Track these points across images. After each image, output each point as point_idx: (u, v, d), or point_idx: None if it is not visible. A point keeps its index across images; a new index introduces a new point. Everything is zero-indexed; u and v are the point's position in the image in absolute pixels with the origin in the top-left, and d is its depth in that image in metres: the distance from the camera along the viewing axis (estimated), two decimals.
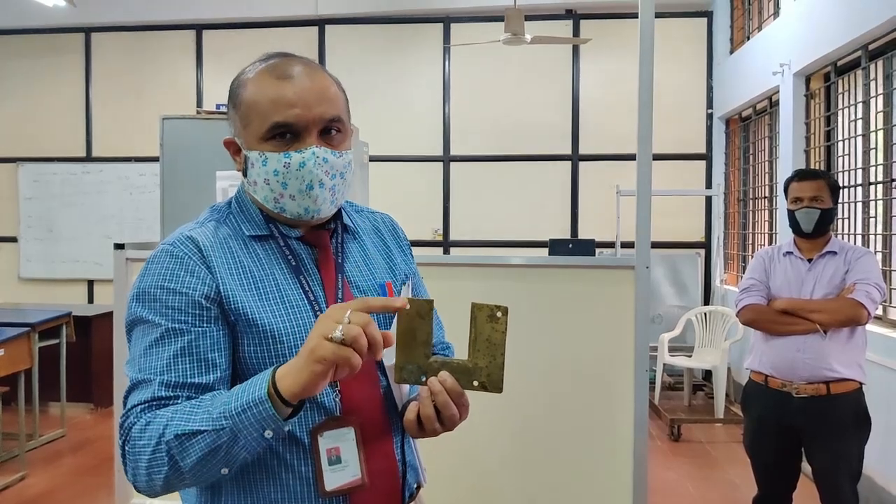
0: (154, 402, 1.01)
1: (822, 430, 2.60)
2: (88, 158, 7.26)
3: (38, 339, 4.59)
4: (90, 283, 7.23)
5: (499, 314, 1.03)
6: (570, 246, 6.21)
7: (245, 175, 1.15)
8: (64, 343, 5.00)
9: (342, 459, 1.07)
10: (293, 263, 1.13)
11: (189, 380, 1.02)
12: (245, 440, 0.95)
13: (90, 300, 7.20)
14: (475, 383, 1.05)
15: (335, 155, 1.11)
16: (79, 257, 7.18)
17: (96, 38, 7.29)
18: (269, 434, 0.95)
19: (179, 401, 1.01)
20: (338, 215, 1.21)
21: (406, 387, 1.18)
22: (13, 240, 7.32)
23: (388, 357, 1.13)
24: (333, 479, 1.06)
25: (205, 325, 1.05)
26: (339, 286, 1.15)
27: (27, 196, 7.28)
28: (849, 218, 4.38)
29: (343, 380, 1.09)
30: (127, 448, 1.00)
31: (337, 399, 1.09)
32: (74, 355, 5.23)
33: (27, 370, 4.46)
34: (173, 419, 0.97)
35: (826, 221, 2.68)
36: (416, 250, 1.37)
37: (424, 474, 1.26)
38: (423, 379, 1.05)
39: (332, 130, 1.12)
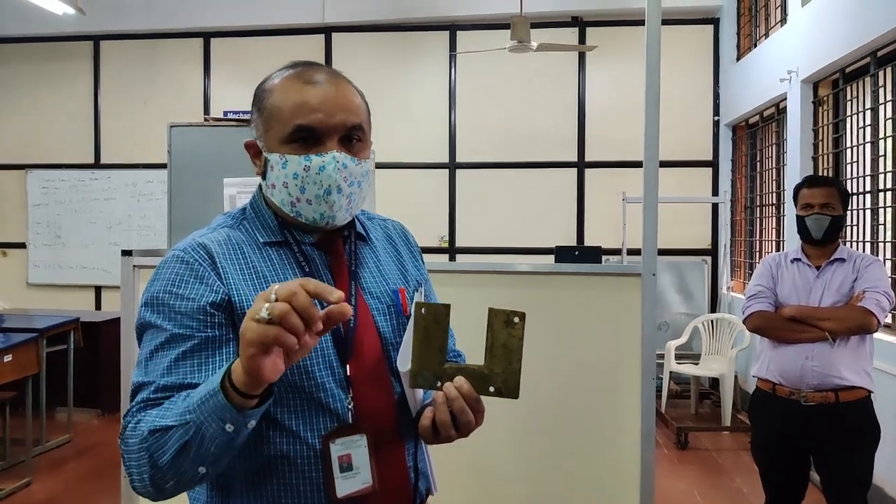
0: (149, 402, 1.01)
1: (831, 438, 2.58)
2: (96, 165, 7.30)
3: (45, 344, 4.61)
4: (98, 289, 7.26)
5: (515, 320, 1.03)
6: (577, 253, 6.19)
7: (264, 178, 1.15)
8: (72, 349, 5.02)
9: (353, 466, 1.07)
10: (307, 269, 1.13)
11: (187, 380, 1.02)
12: (210, 434, 0.92)
13: (98, 306, 7.23)
14: (491, 389, 1.04)
15: (354, 162, 1.11)
16: (86, 264, 7.22)
17: (105, 45, 7.33)
18: (230, 427, 0.92)
19: None
20: (351, 223, 1.21)
21: (420, 393, 1.17)
22: (22, 246, 7.36)
23: (403, 363, 1.12)
24: (345, 486, 1.06)
25: (209, 330, 1.05)
26: (353, 293, 1.15)
27: (35, 202, 7.31)
28: (857, 225, 4.36)
29: (357, 387, 1.10)
30: (122, 448, 1.01)
31: (350, 406, 1.09)
32: (82, 361, 5.25)
33: (34, 376, 4.47)
34: (154, 417, 0.97)
35: (836, 229, 2.67)
36: None
37: (435, 482, 1.25)
38: (439, 384, 1.05)
39: (352, 139, 1.12)
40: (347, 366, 1.10)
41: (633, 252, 6.11)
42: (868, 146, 4.20)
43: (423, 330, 1.03)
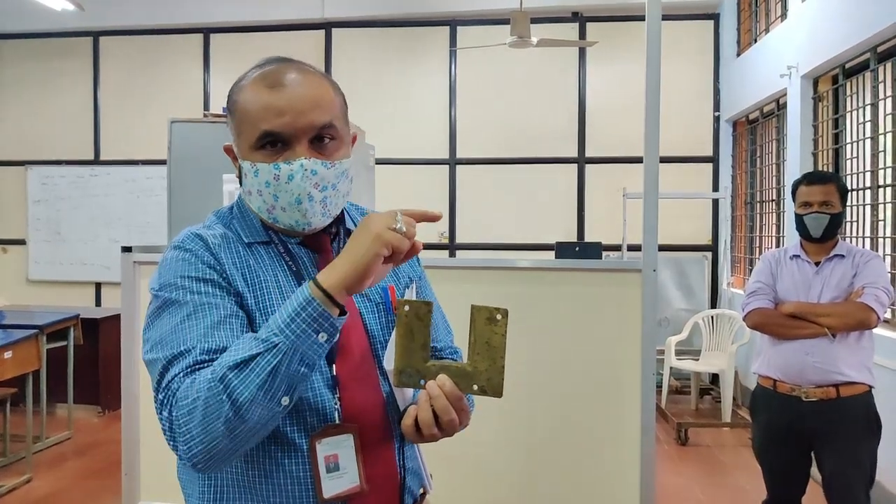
0: (197, 365, 0.98)
1: (833, 433, 2.59)
2: (96, 161, 7.29)
3: (45, 341, 4.61)
4: (98, 285, 7.26)
5: (498, 317, 1.01)
6: (577, 249, 6.19)
7: (241, 183, 1.14)
8: (72, 345, 5.02)
9: (340, 466, 1.06)
10: (294, 268, 1.13)
11: (230, 344, 0.99)
12: (302, 350, 0.94)
13: (97, 303, 7.23)
14: (475, 387, 1.03)
15: (326, 166, 1.09)
16: (86, 260, 7.22)
17: (104, 41, 7.32)
18: (323, 338, 0.95)
19: None
20: (340, 219, 1.20)
21: (409, 391, 1.16)
22: (22, 242, 7.35)
23: (389, 361, 1.12)
24: (331, 487, 1.05)
25: (234, 306, 1.05)
26: None
27: (35, 199, 7.31)
28: (857, 221, 4.35)
29: (344, 386, 1.10)
30: (174, 415, 0.95)
31: (337, 405, 1.08)
32: (82, 358, 5.25)
33: (35, 372, 4.47)
34: (221, 361, 0.95)
35: (835, 226, 2.67)
36: (421, 253, 1.36)
37: (430, 481, 1.24)
38: (422, 383, 1.04)
39: (324, 138, 1.09)
40: (334, 365, 1.10)
41: (634, 248, 6.11)
42: (868, 142, 4.19)
43: (406, 327, 1.02)
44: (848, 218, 4.31)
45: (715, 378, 6.04)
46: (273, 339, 0.94)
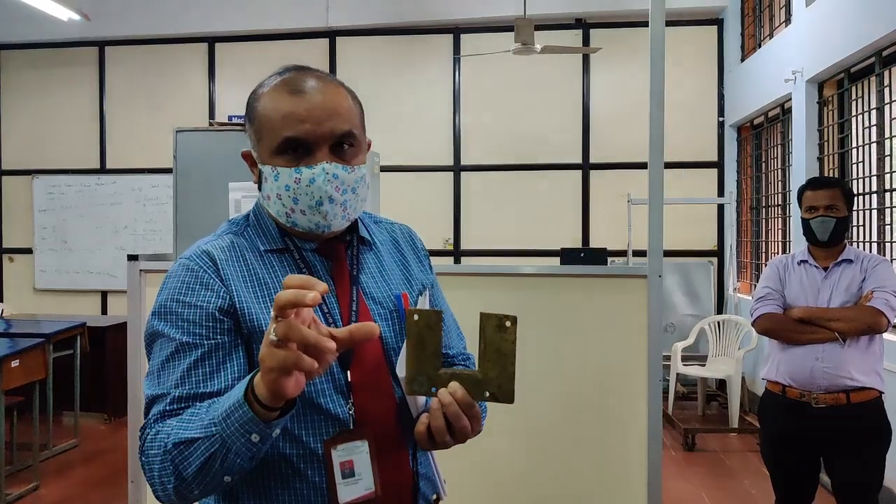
0: (166, 414, 1.03)
1: (843, 439, 2.57)
2: (102, 170, 7.32)
3: (52, 349, 4.62)
4: (104, 294, 7.28)
5: (507, 324, 1.02)
6: (582, 255, 6.18)
7: (260, 189, 1.16)
8: (78, 354, 5.03)
9: (355, 473, 1.07)
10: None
11: (200, 389, 1.03)
12: (235, 446, 0.94)
13: (104, 311, 7.25)
14: (486, 394, 1.04)
15: (346, 170, 1.11)
16: (93, 269, 7.24)
17: (110, 51, 7.36)
18: (255, 438, 0.93)
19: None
20: (354, 227, 1.21)
21: (422, 398, 1.17)
22: (28, 251, 7.39)
23: (401, 368, 1.12)
24: (347, 493, 1.06)
25: (219, 336, 1.06)
26: (354, 298, 1.15)
27: (42, 208, 7.34)
28: (863, 226, 4.34)
29: (358, 392, 1.10)
30: (143, 460, 1.02)
31: (351, 411, 1.09)
32: (88, 366, 5.27)
33: (41, 380, 4.48)
34: (175, 428, 0.99)
35: (841, 230, 2.66)
36: None
37: (444, 487, 1.24)
38: (434, 390, 1.05)
39: (344, 145, 1.12)
40: (348, 372, 1.10)
41: (639, 254, 6.09)
42: (874, 146, 4.18)
43: (417, 336, 1.03)
44: (854, 222, 4.29)
45: (721, 384, 6.02)
46: (211, 428, 0.95)
